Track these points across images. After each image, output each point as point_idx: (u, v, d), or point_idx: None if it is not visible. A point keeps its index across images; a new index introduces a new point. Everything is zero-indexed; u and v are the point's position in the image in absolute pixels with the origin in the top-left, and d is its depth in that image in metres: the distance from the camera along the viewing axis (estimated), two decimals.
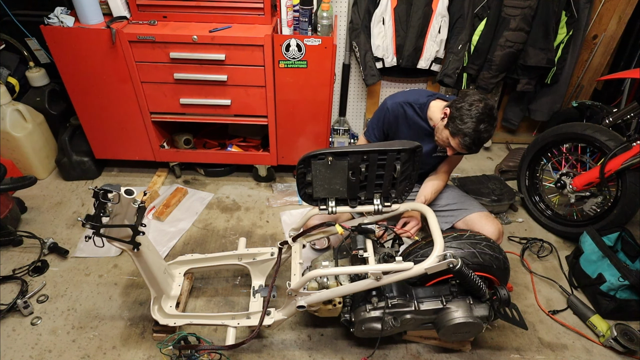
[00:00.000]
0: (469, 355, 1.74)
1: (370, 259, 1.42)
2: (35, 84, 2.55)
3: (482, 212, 1.86)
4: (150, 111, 2.34)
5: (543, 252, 2.25)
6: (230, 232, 2.31)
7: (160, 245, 2.17)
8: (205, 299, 1.91)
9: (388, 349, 1.74)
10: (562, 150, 2.34)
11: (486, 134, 1.52)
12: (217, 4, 2.13)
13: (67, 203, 2.44)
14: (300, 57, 2.13)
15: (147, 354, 1.68)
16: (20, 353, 1.66)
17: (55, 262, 2.06)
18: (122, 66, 2.15)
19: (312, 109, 2.34)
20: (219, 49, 2.09)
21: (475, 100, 1.51)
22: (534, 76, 2.72)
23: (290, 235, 1.66)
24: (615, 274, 1.85)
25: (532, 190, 2.51)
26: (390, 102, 1.79)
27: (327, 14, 2.10)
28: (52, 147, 2.65)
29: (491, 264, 1.51)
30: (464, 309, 1.47)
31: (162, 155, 2.55)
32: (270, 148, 2.51)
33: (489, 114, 1.50)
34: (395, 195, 1.55)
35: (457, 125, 1.52)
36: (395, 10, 2.46)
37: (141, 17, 2.16)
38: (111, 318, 1.81)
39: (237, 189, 2.64)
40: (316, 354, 1.71)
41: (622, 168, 1.97)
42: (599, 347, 1.80)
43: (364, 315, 1.48)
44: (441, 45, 2.58)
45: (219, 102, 2.27)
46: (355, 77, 2.85)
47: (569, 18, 2.56)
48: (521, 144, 3.16)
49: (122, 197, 1.29)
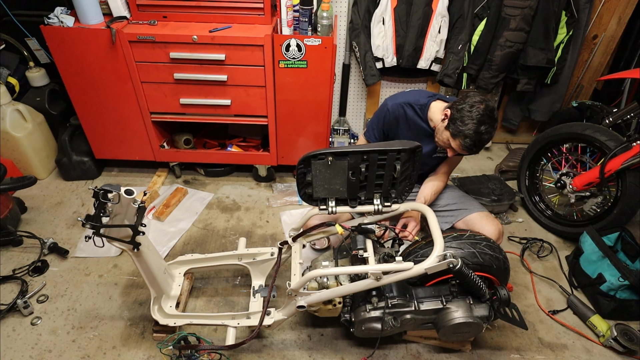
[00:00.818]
0: (469, 355, 1.74)
1: (370, 259, 1.42)
2: (35, 84, 2.55)
3: (482, 212, 1.86)
4: (150, 111, 2.34)
5: (543, 252, 2.25)
6: (230, 232, 2.31)
7: (160, 245, 2.17)
8: (205, 299, 1.91)
9: (388, 349, 1.74)
10: (562, 150, 2.34)
11: (487, 136, 1.52)
12: (217, 4, 2.13)
13: (67, 203, 2.44)
14: (300, 57, 2.13)
15: (147, 354, 1.68)
16: (20, 353, 1.66)
17: (55, 262, 2.06)
18: (122, 66, 2.15)
19: (312, 109, 2.34)
20: (219, 49, 2.09)
21: (475, 101, 1.51)
22: (534, 76, 2.72)
23: (290, 235, 1.66)
24: (615, 274, 1.85)
25: (532, 190, 2.51)
26: (391, 103, 1.78)
27: (327, 14, 2.10)
28: (52, 147, 2.65)
29: (491, 264, 1.51)
30: (464, 309, 1.47)
31: (162, 155, 2.55)
32: (270, 148, 2.51)
33: (490, 116, 1.50)
34: (395, 195, 1.55)
35: (458, 127, 1.52)
36: (395, 10, 2.46)
37: (141, 17, 2.16)
38: (111, 318, 1.81)
39: (237, 189, 2.64)
40: (316, 354, 1.71)
41: (622, 168, 1.97)
42: (599, 347, 1.80)
43: (364, 315, 1.48)
44: (441, 45, 2.58)
45: (219, 102, 2.28)
46: (355, 77, 2.85)
47: (569, 18, 2.56)
48: (521, 144, 3.16)
49: (122, 197, 1.29)
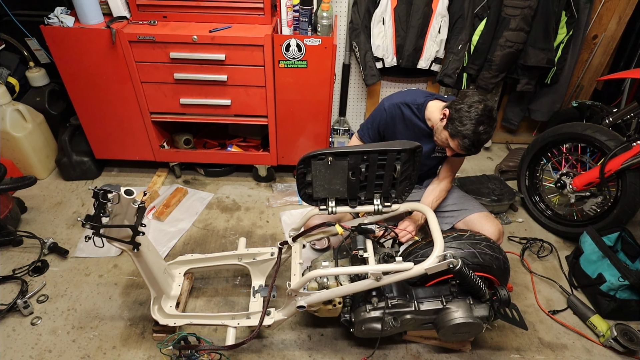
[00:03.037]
0: (469, 355, 1.74)
1: (370, 259, 1.42)
2: (35, 84, 2.55)
3: (482, 212, 1.85)
4: (150, 111, 2.34)
5: (543, 252, 2.25)
6: (230, 232, 2.30)
7: (160, 245, 2.17)
8: (205, 299, 1.91)
9: (388, 349, 1.74)
10: (562, 150, 2.34)
11: (485, 136, 1.51)
12: (217, 4, 2.13)
13: (67, 203, 2.44)
14: (300, 57, 2.13)
15: (147, 354, 1.68)
16: (20, 353, 1.66)
17: (55, 262, 2.06)
18: (122, 66, 2.15)
19: (312, 109, 2.34)
20: (219, 49, 2.09)
21: (474, 101, 1.50)
22: (534, 76, 2.72)
23: (290, 235, 1.66)
24: (615, 274, 1.85)
25: (532, 190, 2.51)
26: (388, 103, 1.77)
27: (327, 14, 2.10)
28: (52, 147, 2.65)
29: (491, 264, 1.51)
30: (464, 309, 1.47)
31: (162, 155, 2.55)
32: (270, 148, 2.51)
33: (489, 116, 1.49)
34: (395, 195, 1.55)
35: (457, 127, 1.51)
36: (395, 10, 2.46)
37: (141, 17, 2.16)
38: (111, 318, 1.81)
39: (237, 189, 2.64)
40: (316, 354, 1.71)
41: (622, 168, 1.97)
42: (599, 347, 1.80)
43: (364, 315, 1.48)
44: (441, 45, 2.58)
45: (219, 102, 2.27)
46: (355, 77, 2.85)
47: (569, 18, 2.56)
48: (521, 144, 3.16)
49: (122, 197, 1.29)
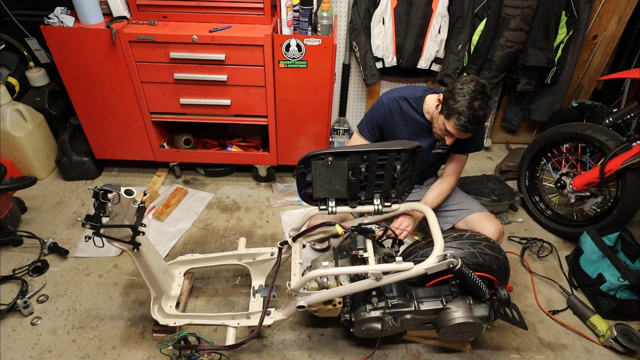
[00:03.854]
0: (469, 355, 1.74)
1: (370, 259, 1.42)
2: (35, 84, 2.55)
3: (482, 212, 1.86)
4: (150, 111, 2.34)
5: (543, 252, 2.25)
6: (230, 232, 2.30)
7: (160, 245, 2.17)
8: (205, 299, 1.91)
9: (388, 349, 1.74)
10: (562, 150, 2.34)
11: (481, 112, 1.49)
12: (217, 4, 2.13)
13: (67, 203, 2.44)
14: (300, 57, 2.13)
15: (147, 354, 1.68)
16: (20, 353, 1.66)
17: (55, 262, 2.06)
18: (122, 66, 2.15)
19: (312, 109, 2.34)
20: (219, 49, 2.09)
21: (466, 80, 1.50)
22: (534, 76, 2.72)
23: (290, 235, 1.66)
24: (615, 274, 1.85)
25: (532, 190, 2.51)
26: (386, 97, 1.78)
27: (327, 14, 2.10)
28: (52, 147, 2.65)
29: (491, 264, 1.51)
30: (464, 309, 1.47)
31: (162, 155, 2.55)
32: (270, 148, 2.51)
33: (482, 91, 1.48)
34: (395, 195, 1.55)
35: (450, 106, 1.50)
36: (395, 10, 2.46)
37: (141, 17, 2.16)
38: (111, 318, 1.81)
39: (237, 189, 2.64)
40: (316, 354, 1.71)
41: (622, 168, 1.97)
42: (599, 347, 1.80)
43: (364, 315, 1.48)
44: (441, 45, 2.58)
45: (219, 102, 2.27)
46: (355, 77, 2.85)
47: (569, 18, 2.56)
48: (521, 144, 3.16)
49: (122, 197, 1.29)
